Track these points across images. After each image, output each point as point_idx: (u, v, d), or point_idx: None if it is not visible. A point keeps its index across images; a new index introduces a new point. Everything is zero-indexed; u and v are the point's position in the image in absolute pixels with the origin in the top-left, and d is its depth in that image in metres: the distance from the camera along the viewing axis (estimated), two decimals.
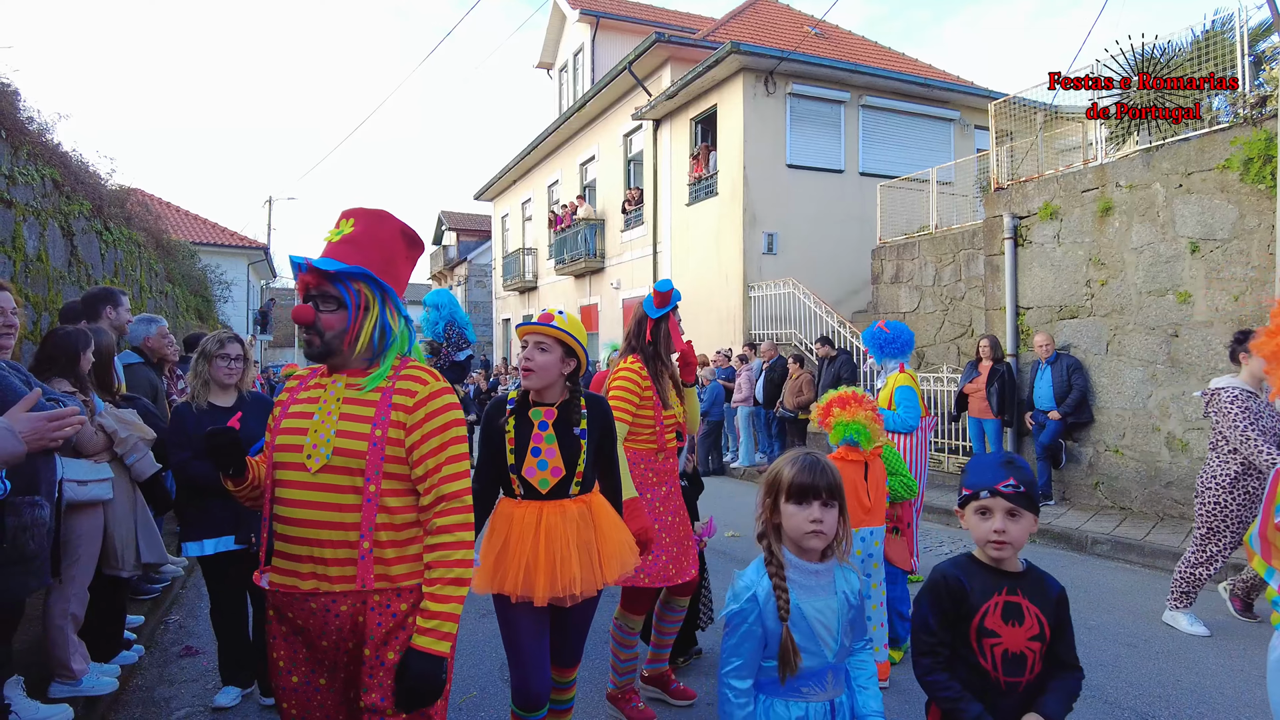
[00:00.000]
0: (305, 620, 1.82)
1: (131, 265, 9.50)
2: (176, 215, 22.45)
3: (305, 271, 1.85)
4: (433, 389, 1.87)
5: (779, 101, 14.02)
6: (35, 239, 6.13)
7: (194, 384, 3.51)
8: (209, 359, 3.49)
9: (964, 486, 1.98)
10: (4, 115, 5.49)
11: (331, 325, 1.86)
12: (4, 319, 3.05)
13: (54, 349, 3.41)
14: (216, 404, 3.54)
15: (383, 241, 1.93)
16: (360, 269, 1.85)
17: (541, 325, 2.61)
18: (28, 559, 2.58)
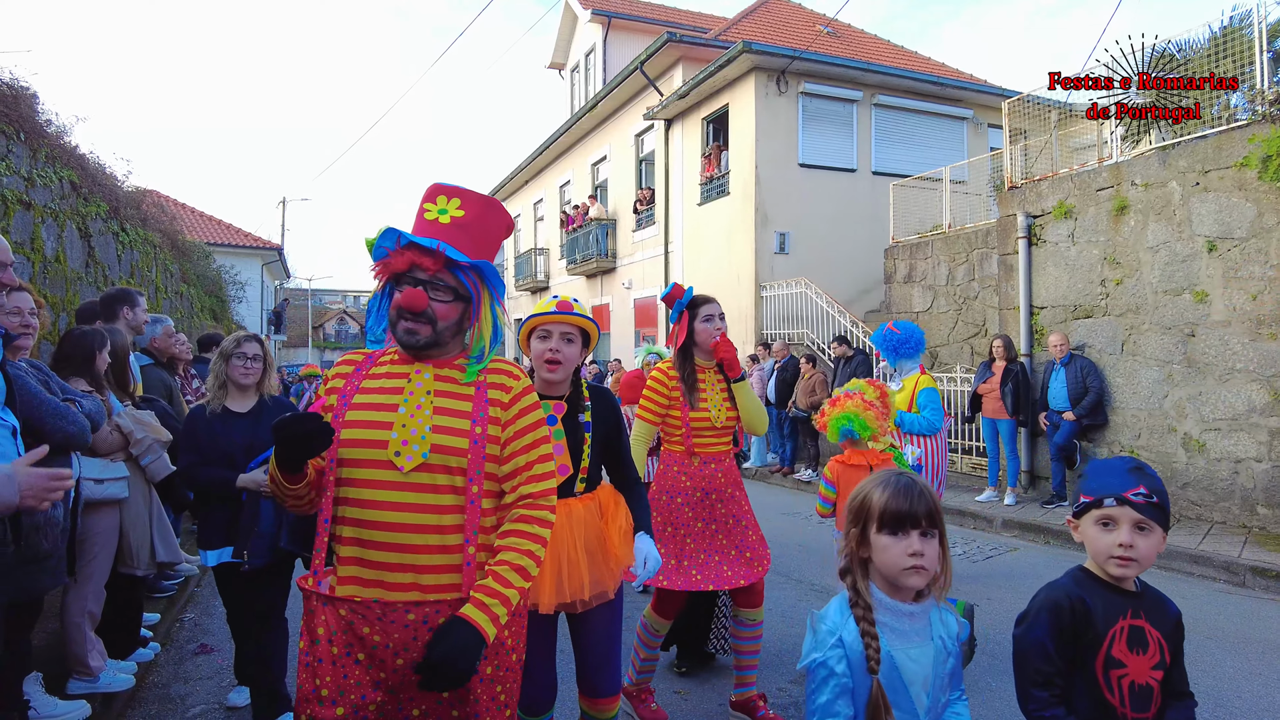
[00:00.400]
0: (388, 635, 1.61)
1: (148, 266, 9.59)
2: (191, 216, 22.64)
3: (428, 254, 1.70)
4: (524, 384, 1.80)
5: (791, 101, 13.99)
6: (54, 240, 6.19)
7: (211, 386, 3.30)
8: (226, 358, 3.30)
9: (1084, 493, 1.76)
10: (23, 119, 5.55)
11: (447, 316, 1.74)
12: (22, 319, 3.09)
13: (70, 348, 3.44)
14: (232, 409, 3.32)
15: (493, 234, 1.83)
16: (485, 263, 1.77)
17: (565, 315, 2.48)
18: (42, 558, 2.61)
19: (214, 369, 3.30)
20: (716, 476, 3.34)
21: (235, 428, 3.26)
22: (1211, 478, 7.03)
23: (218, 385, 3.28)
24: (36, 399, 2.60)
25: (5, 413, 2.41)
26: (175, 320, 10.64)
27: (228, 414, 3.30)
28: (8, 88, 5.41)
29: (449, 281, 1.73)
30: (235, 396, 3.34)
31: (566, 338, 2.49)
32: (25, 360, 2.84)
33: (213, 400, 3.30)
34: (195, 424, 3.30)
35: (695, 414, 3.30)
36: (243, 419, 3.31)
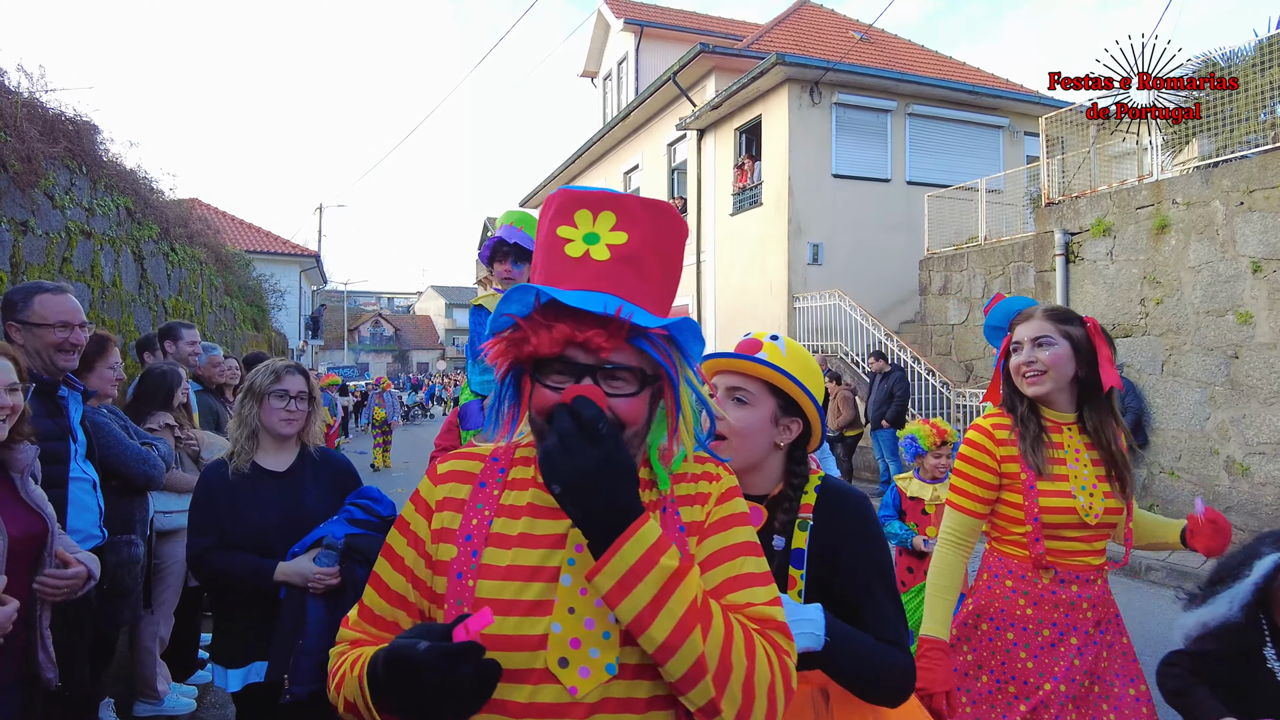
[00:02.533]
0: None
1: (194, 282, 9.88)
2: (232, 225, 23.15)
3: (599, 324, 1.04)
4: (726, 484, 1.19)
5: (824, 111, 13.98)
6: (111, 266, 6.44)
7: (237, 435, 2.49)
8: (259, 398, 2.49)
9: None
10: (85, 152, 5.79)
11: (635, 416, 1.08)
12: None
13: (151, 386, 3.62)
14: (265, 466, 2.50)
15: (671, 261, 1.18)
16: (685, 321, 1.10)
17: (741, 359, 1.60)
18: (126, 593, 2.78)
19: (240, 413, 2.52)
20: (1081, 607, 2.12)
21: (269, 493, 2.45)
22: (1256, 502, 6.94)
23: (246, 435, 2.48)
24: (121, 445, 2.77)
25: (87, 465, 2.57)
26: (218, 333, 10.97)
27: (259, 474, 2.47)
28: (71, 124, 5.65)
29: (628, 360, 1.06)
30: (269, 449, 2.52)
31: (737, 396, 1.59)
32: (106, 406, 3.00)
33: (238, 455, 2.46)
34: (212, 491, 2.43)
35: (1046, 496, 2.08)
36: (279, 481, 2.49)
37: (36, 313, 2.46)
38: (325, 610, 2.34)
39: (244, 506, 2.41)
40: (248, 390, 2.51)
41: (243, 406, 2.51)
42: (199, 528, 2.42)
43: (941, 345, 11.81)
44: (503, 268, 2.90)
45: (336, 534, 2.41)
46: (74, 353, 2.53)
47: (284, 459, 2.55)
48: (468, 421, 2.62)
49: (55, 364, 2.49)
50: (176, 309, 8.59)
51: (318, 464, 2.60)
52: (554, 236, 1.12)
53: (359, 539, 2.42)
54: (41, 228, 5.10)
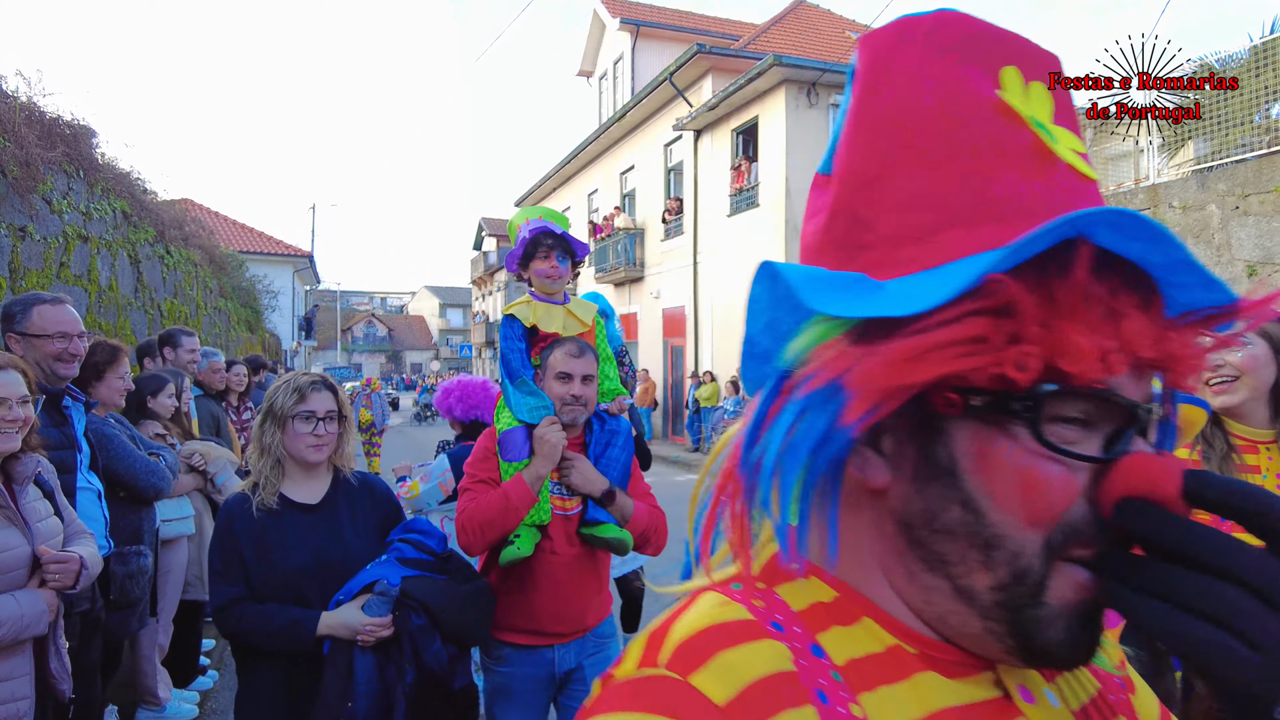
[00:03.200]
0: None
1: (189, 284, 9.85)
2: (225, 225, 23.07)
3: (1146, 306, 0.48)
4: None
5: (822, 112, 14.00)
6: (107, 270, 6.42)
7: (259, 465, 2.16)
8: (282, 422, 2.14)
9: None
10: (82, 156, 5.77)
11: None
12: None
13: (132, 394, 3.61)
14: (294, 499, 2.17)
15: None
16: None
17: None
18: (134, 603, 2.78)
19: (261, 440, 2.16)
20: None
21: (301, 532, 2.12)
22: None
23: (270, 465, 2.15)
24: (130, 457, 2.76)
25: (91, 476, 2.57)
26: (213, 335, 10.94)
27: (288, 509, 2.14)
28: (69, 128, 5.62)
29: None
30: (297, 479, 2.19)
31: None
32: (113, 416, 3.00)
33: (263, 488, 2.13)
34: (235, 531, 2.08)
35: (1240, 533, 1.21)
36: (312, 516, 2.16)
37: (35, 324, 2.47)
38: (376, 667, 2.02)
39: (273, 548, 2.07)
40: (267, 413, 2.15)
41: (264, 432, 2.15)
42: (223, 574, 2.06)
43: None
44: (546, 265, 2.47)
45: (391, 578, 2.07)
46: (73, 363, 2.52)
47: (316, 489, 2.20)
48: (508, 451, 2.27)
49: (55, 374, 2.49)
50: (172, 312, 8.57)
51: (355, 492, 2.26)
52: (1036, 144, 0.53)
53: (414, 582, 2.09)
54: (39, 233, 5.08)
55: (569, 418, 2.28)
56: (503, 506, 2.15)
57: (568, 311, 2.51)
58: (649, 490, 2.49)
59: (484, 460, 2.33)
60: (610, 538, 2.27)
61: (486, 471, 2.30)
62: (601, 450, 2.38)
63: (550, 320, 2.46)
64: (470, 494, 2.26)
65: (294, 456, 2.14)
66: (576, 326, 2.50)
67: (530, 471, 2.19)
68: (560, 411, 2.28)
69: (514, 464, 2.25)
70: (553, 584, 2.26)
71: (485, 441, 2.38)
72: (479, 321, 40.00)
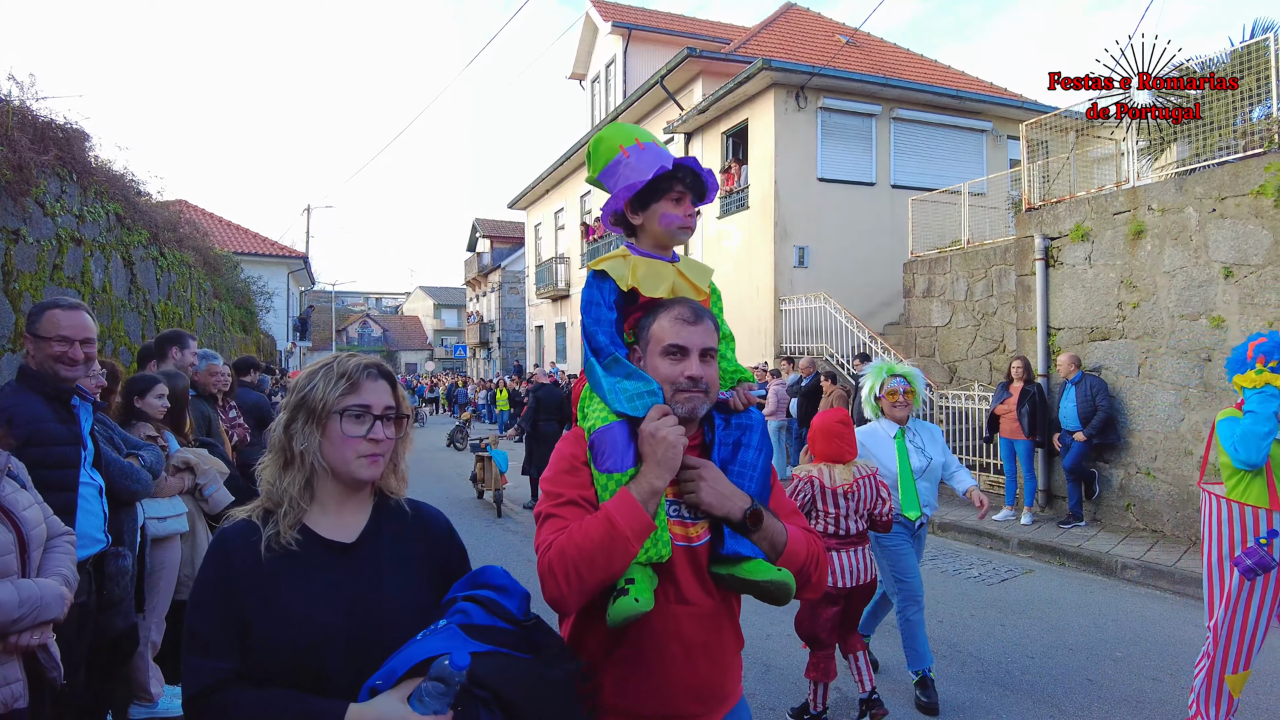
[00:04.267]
0: None
1: (183, 286, 9.91)
2: (219, 227, 23.12)
3: None
4: None
5: (810, 116, 14.12)
6: (101, 272, 6.49)
7: (281, 485, 1.51)
8: (321, 421, 1.50)
9: None
10: (76, 159, 5.84)
11: None
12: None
13: (124, 393, 3.70)
14: (322, 534, 1.52)
15: None
16: None
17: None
18: (116, 602, 2.87)
19: (285, 446, 1.51)
20: None
21: (328, 581, 1.49)
22: None
23: (300, 484, 1.50)
24: (105, 459, 2.85)
25: (94, 473, 2.67)
26: (207, 336, 11.00)
27: (313, 548, 1.50)
28: (61, 131, 5.70)
29: None
30: (329, 504, 1.55)
31: None
32: (98, 416, 3.08)
33: (282, 519, 1.49)
34: (231, 579, 1.44)
35: None
36: (346, 560, 1.52)
37: (43, 326, 2.62)
38: None
39: (286, 604, 1.42)
40: (298, 408, 1.49)
41: (291, 436, 1.49)
42: (207, 641, 1.38)
43: (925, 347, 11.96)
44: (679, 211, 1.79)
45: (456, 658, 1.34)
46: (75, 367, 2.64)
47: (353, 521, 1.54)
48: (605, 458, 1.61)
49: (58, 375, 2.61)
50: (166, 314, 8.63)
51: (405, 526, 1.59)
52: None
53: (486, 663, 1.38)
54: (33, 235, 5.15)
55: (685, 409, 1.63)
56: (607, 538, 1.48)
57: (678, 273, 1.82)
58: (796, 508, 1.86)
59: (568, 473, 1.65)
60: (765, 580, 1.59)
61: (574, 488, 1.63)
62: (729, 454, 1.72)
63: (656, 282, 1.77)
64: (554, 522, 1.58)
65: (336, 471, 1.49)
66: (687, 291, 1.82)
67: (641, 485, 1.54)
68: (672, 400, 1.63)
69: (615, 475, 1.59)
70: (683, 648, 1.61)
71: (567, 447, 1.71)
72: (473, 322, 40.04)
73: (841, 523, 3.77)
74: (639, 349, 1.74)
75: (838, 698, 4.20)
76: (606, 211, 1.86)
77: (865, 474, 3.82)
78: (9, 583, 2.03)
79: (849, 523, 3.78)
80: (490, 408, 25.83)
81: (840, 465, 3.79)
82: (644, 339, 1.72)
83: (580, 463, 1.66)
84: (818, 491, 3.75)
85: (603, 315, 1.76)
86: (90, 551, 2.58)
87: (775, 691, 4.32)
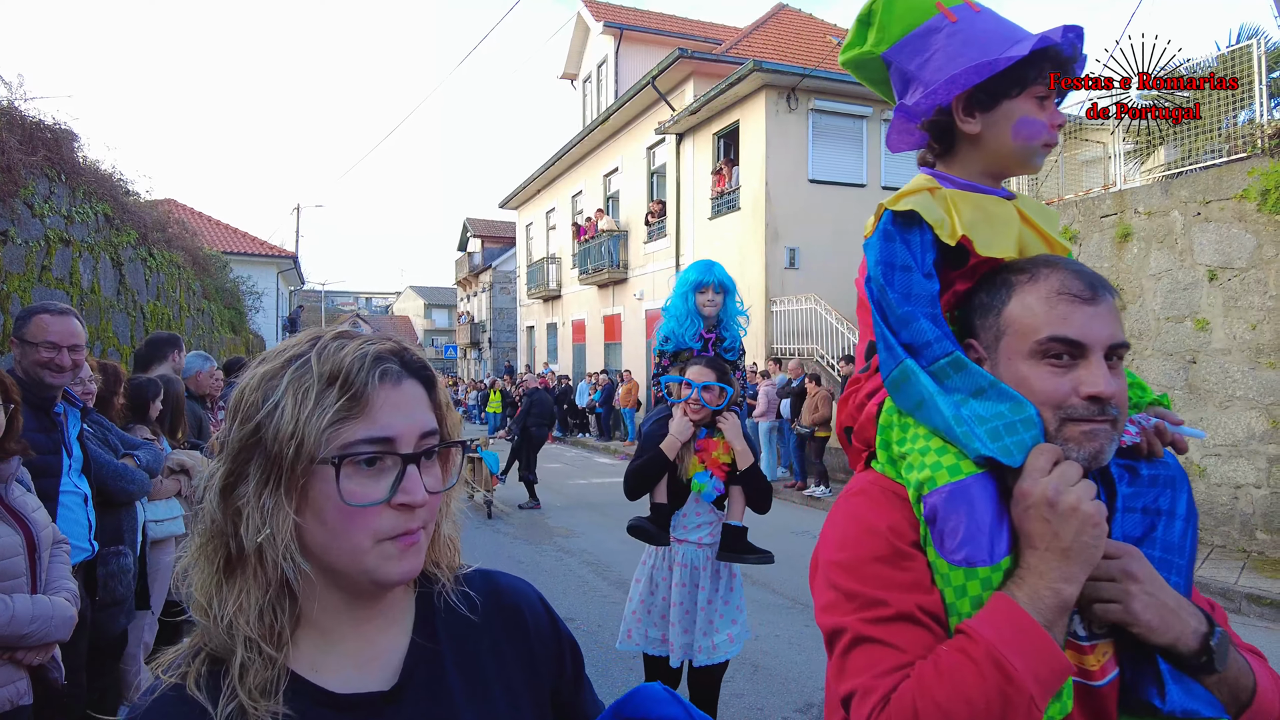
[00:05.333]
0: None
1: (172, 286, 9.87)
2: (209, 226, 23.00)
3: None
4: None
5: (801, 117, 14.18)
6: (89, 272, 6.47)
7: (224, 607, 0.74)
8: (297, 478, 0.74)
9: None
10: (64, 160, 5.82)
11: None
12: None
13: (129, 397, 3.69)
14: (327, 685, 0.78)
15: None
16: None
17: None
18: (118, 601, 2.88)
19: (221, 527, 0.76)
20: None
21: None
22: (1212, 502, 7.19)
23: (266, 606, 0.76)
24: (97, 462, 2.85)
25: (81, 480, 2.66)
26: (196, 337, 10.95)
27: (314, 711, 0.76)
28: (50, 132, 5.68)
29: None
30: (337, 627, 0.81)
31: None
32: (94, 417, 3.08)
33: (249, 676, 0.73)
34: None
35: None
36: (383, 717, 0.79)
37: (30, 331, 2.57)
38: None
39: None
40: (248, 449, 0.76)
41: (237, 511, 0.75)
42: None
43: None
44: (1043, 113, 1.17)
45: None
46: (62, 373, 2.61)
47: (384, 648, 0.84)
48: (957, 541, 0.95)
49: (43, 381, 2.58)
50: (155, 314, 8.60)
51: (478, 630, 0.91)
52: None
53: None
54: (21, 236, 5.13)
55: (1087, 451, 0.97)
56: (997, 698, 0.85)
57: (1021, 216, 1.15)
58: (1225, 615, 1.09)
59: (888, 561, 0.99)
60: None
61: (903, 590, 0.97)
62: (1139, 528, 1.04)
63: (996, 230, 1.10)
64: (876, 654, 0.94)
65: (339, 572, 0.78)
66: (1037, 246, 1.14)
67: (1040, 594, 0.90)
68: (1060, 436, 0.98)
69: (979, 571, 0.94)
70: None
71: (871, 509, 1.05)
72: (464, 322, 39.98)
73: None
74: (987, 348, 1.06)
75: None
76: (914, 111, 1.18)
77: None
78: (26, 597, 2.05)
79: None
80: (481, 408, 25.80)
81: None
82: (998, 322, 1.04)
83: (908, 543, 0.98)
84: None
85: (916, 285, 1.06)
86: (75, 560, 2.57)
87: (763, 692, 4.35)
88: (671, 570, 2.99)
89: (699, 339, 3.20)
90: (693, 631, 2.92)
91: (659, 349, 3.32)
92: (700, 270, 3.25)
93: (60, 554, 2.27)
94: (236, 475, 0.76)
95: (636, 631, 3.02)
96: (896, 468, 1.06)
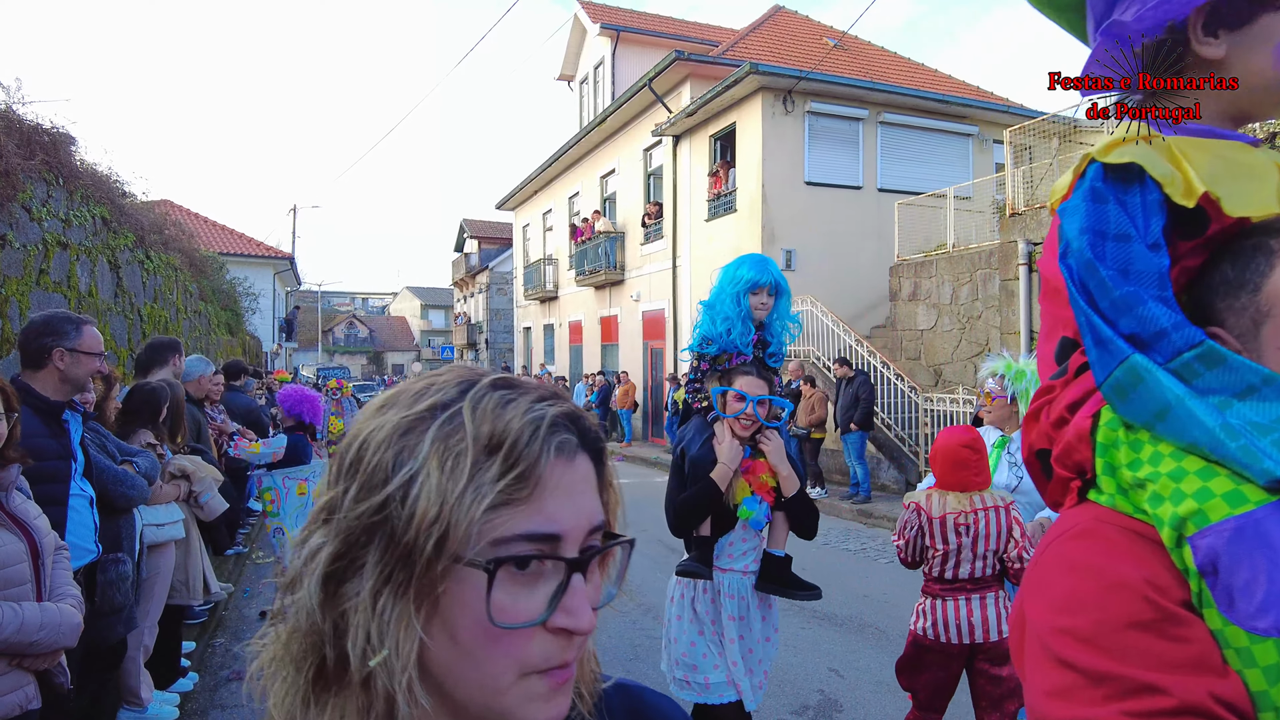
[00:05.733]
0: None
1: (169, 289, 9.87)
2: (205, 227, 22.99)
3: None
4: None
5: (797, 119, 14.21)
6: (87, 276, 6.47)
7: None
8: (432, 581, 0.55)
9: None
10: (62, 163, 5.82)
11: None
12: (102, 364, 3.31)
13: (138, 403, 3.71)
14: None
15: None
16: None
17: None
18: (117, 609, 2.89)
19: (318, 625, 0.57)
20: None
21: None
22: None
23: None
24: (98, 467, 2.87)
25: (84, 483, 2.68)
26: (193, 339, 10.96)
27: None
28: (48, 135, 5.68)
29: None
30: None
31: None
32: (90, 424, 3.10)
33: None
34: None
35: None
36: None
37: (86, 342, 2.68)
38: None
39: None
40: (369, 532, 0.55)
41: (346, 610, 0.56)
42: None
43: (911, 350, 12.07)
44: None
45: None
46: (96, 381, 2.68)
47: None
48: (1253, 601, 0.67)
49: (83, 389, 2.69)
50: (152, 317, 8.61)
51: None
52: None
53: None
54: (19, 240, 5.13)
55: None
56: None
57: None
58: None
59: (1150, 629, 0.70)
60: None
61: (1180, 671, 0.68)
62: None
63: (1250, 179, 0.86)
64: None
65: (462, 703, 0.58)
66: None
67: None
68: None
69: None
70: None
71: (1097, 564, 0.76)
72: (460, 323, 39.98)
73: (952, 562, 2.95)
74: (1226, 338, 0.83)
75: None
76: (1133, 28, 0.96)
77: (990, 505, 2.96)
78: (35, 605, 2.07)
79: (968, 566, 2.95)
80: None
81: (956, 492, 3.00)
82: (1245, 311, 0.82)
83: (1176, 602, 0.72)
84: (924, 523, 2.99)
85: (1138, 259, 0.83)
86: (82, 562, 2.60)
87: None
88: (715, 603, 2.67)
89: (750, 345, 2.82)
90: (757, 672, 2.68)
91: (698, 351, 2.96)
92: (756, 269, 2.81)
93: (62, 560, 2.29)
94: (348, 563, 0.56)
95: (695, 679, 2.61)
96: (1130, 499, 0.78)
